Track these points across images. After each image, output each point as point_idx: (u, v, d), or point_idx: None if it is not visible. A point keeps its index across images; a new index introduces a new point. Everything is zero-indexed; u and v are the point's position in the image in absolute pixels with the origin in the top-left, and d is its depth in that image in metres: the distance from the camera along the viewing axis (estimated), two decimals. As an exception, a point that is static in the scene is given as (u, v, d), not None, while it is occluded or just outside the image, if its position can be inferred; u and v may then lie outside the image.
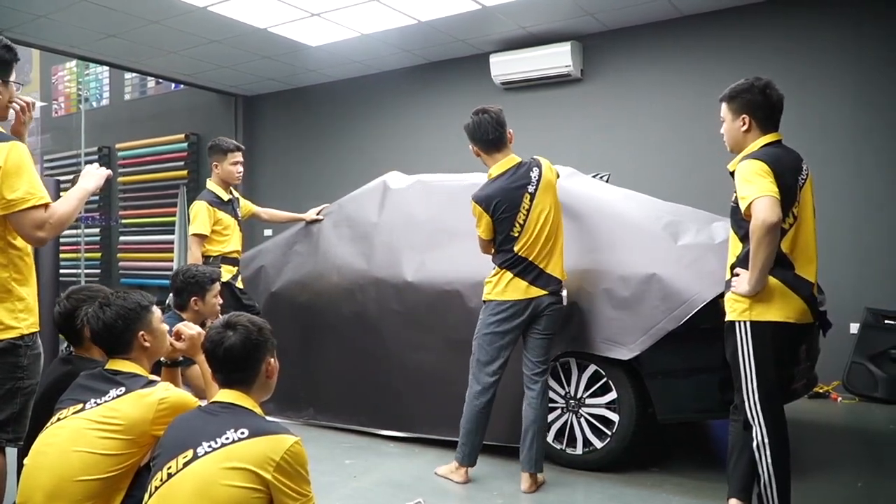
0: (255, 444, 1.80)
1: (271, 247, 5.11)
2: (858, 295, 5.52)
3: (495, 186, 3.44)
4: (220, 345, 1.96)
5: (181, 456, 1.81)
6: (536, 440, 3.40)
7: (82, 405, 2.11)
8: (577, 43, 6.72)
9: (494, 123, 3.46)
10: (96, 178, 2.66)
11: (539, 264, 3.39)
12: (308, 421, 4.72)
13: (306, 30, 6.60)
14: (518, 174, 3.44)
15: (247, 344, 1.97)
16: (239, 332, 1.97)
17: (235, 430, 1.82)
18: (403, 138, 8.00)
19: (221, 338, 1.96)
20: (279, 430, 1.86)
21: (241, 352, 1.96)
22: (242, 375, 1.98)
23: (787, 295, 2.63)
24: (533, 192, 3.40)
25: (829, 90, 5.72)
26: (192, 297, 3.40)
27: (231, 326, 1.99)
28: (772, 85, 2.76)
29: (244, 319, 2.01)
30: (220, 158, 4.53)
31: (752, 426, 2.65)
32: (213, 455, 1.78)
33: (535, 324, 3.44)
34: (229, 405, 1.93)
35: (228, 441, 1.80)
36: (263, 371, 2.01)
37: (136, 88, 10.13)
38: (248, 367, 1.98)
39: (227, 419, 1.87)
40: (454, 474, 3.58)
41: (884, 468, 3.84)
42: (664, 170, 6.29)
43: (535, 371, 3.46)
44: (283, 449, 1.80)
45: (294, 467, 1.81)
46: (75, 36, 6.82)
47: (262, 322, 2.05)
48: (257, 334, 1.99)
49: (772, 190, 2.54)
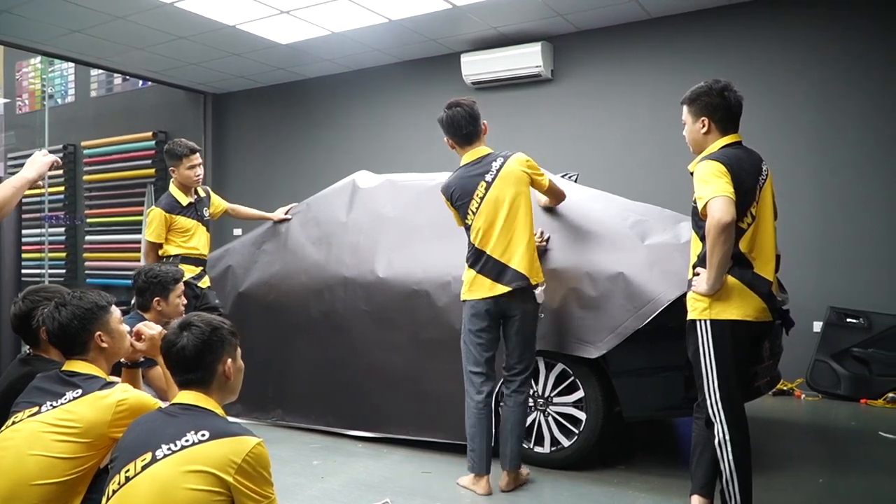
0: (216, 447, 1.77)
1: (238, 247, 5.06)
2: (822, 294, 5.63)
3: (455, 175, 3.47)
4: (173, 346, 1.92)
5: (139, 459, 1.78)
6: (512, 437, 3.38)
7: (38, 408, 2.07)
8: (548, 43, 6.75)
9: (468, 117, 3.41)
10: (38, 165, 2.59)
11: (498, 257, 3.31)
12: (276, 422, 4.68)
13: (276, 27, 6.55)
14: (480, 164, 3.41)
15: (199, 345, 1.92)
16: (192, 332, 1.93)
17: (195, 432, 1.79)
18: (374, 137, 7.98)
19: (175, 339, 1.93)
20: (241, 432, 1.83)
21: (194, 353, 1.91)
22: (197, 377, 1.93)
23: (746, 294, 2.67)
24: (490, 181, 3.34)
25: (793, 91, 5.82)
26: (155, 297, 3.35)
27: (185, 327, 1.94)
28: (730, 87, 2.80)
29: (199, 320, 1.96)
30: (176, 163, 4.45)
31: (713, 423, 2.69)
32: (172, 458, 1.75)
33: (508, 324, 3.39)
34: (189, 406, 1.89)
35: (188, 443, 1.77)
36: (221, 372, 1.96)
37: (103, 85, 9.97)
38: (202, 368, 1.93)
39: (187, 421, 1.83)
40: (475, 486, 3.42)
41: (844, 464, 3.91)
42: (632, 170, 6.35)
43: (511, 372, 3.44)
44: (244, 451, 1.77)
45: (256, 469, 1.78)
46: (40, 31, 6.70)
47: (219, 322, 2.00)
48: (210, 334, 1.94)
49: (727, 190, 2.58)
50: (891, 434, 4.41)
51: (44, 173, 2.62)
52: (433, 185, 4.48)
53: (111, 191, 9.77)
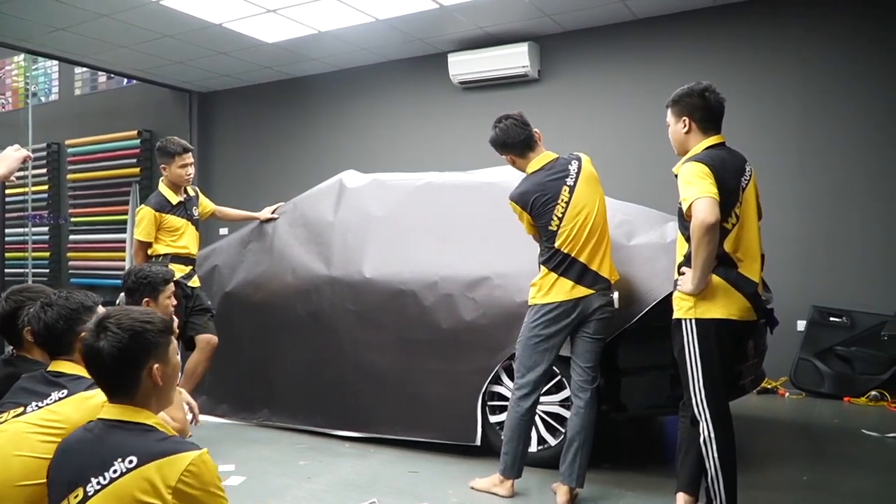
0: (145, 473, 1.58)
1: (225, 246, 5.04)
2: (805, 293, 5.68)
3: (531, 182, 3.33)
4: (89, 350, 1.70)
5: (72, 496, 1.63)
6: (581, 453, 3.24)
7: (23, 408, 2.04)
8: (535, 44, 6.77)
9: (521, 125, 3.38)
10: (9, 161, 2.55)
11: (583, 261, 3.21)
12: (263, 422, 4.67)
13: (262, 26, 6.53)
14: (555, 168, 3.33)
15: (115, 354, 1.68)
16: (108, 339, 1.68)
17: (122, 460, 1.60)
18: (361, 137, 7.96)
19: (92, 341, 1.69)
20: (173, 449, 1.62)
21: (111, 362, 1.68)
22: (119, 387, 1.71)
23: (731, 293, 2.69)
24: (572, 185, 3.26)
25: (778, 92, 5.88)
26: (145, 297, 3.33)
27: (101, 329, 1.70)
28: (711, 88, 2.84)
29: (115, 322, 1.70)
30: (168, 162, 4.42)
31: (699, 421, 2.71)
32: (103, 493, 1.60)
33: (584, 327, 3.27)
34: (116, 424, 1.69)
35: (116, 475, 1.59)
36: (147, 380, 1.71)
37: (87, 83, 9.89)
38: (122, 377, 1.70)
39: (114, 445, 1.63)
40: (498, 488, 3.35)
41: (828, 462, 3.95)
42: (619, 169, 6.37)
43: (584, 378, 3.30)
44: (178, 471, 1.58)
45: (196, 488, 1.59)
46: (23, 29, 6.63)
47: (141, 324, 1.72)
48: (129, 341, 1.68)
49: (711, 191, 2.60)
50: (873, 431, 4.46)
51: (14, 169, 2.57)
52: (420, 184, 4.49)
53: (95, 190, 9.69)
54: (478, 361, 3.85)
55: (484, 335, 3.84)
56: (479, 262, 3.96)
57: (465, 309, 3.91)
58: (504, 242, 3.89)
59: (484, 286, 3.88)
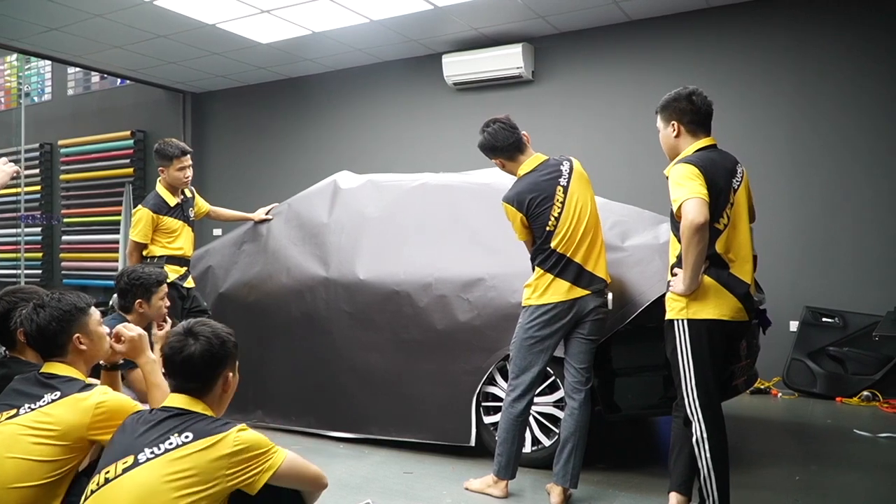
0: (202, 447, 1.76)
1: (219, 247, 5.03)
2: (798, 294, 5.71)
3: (525, 182, 3.32)
4: (179, 353, 1.90)
5: (121, 461, 1.76)
6: (575, 453, 3.25)
7: (16, 410, 2.05)
8: (529, 45, 6.79)
9: (509, 128, 3.38)
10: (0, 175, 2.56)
11: (579, 261, 3.22)
12: (257, 423, 4.65)
13: (256, 26, 6.52)
14: (547, 169, 3.34)
15: (206, 356, 1.90)
16: (201, 342, 1.91)
17: (179, 435, 1.78)
18: (355, 138, 7.96)
19: (182, 346, 1.90)
20: (223, 429, 1.82)
21: (201, 363, 1.90)
22: (197, 386, 1.92)
23: (722, 294, 2.71)
24: (566, 185, 3.27)
25: (770, 93, 5.90)
26: (137, 299, 3.31)
27: (193, 335, 1.92)
28: (698, 92, 2.87)
29: (208, 329, 1.94)
30: (166, 164, 4.41)
31: (691, 422, 2.73)
32: (155, 462, 1.74)
33: (579, 328, 3.28)
34: (177, 410, 1.87)
35: (172, 446, 1.76)
36: (220, 385, 1.96)
37: (80, 83, 9.85)
38: (204, 378, 1.92)
39: (172, 424, 1.82)
40: (492, 488, 3.36)
41: (820, 462, 3.97)
42: (613, 171, 6.39)
43: (578, 379, 3.30)
44: (230, 443, 1.78)
45: (248, 451, 1.80)
46: (16, 28, 6.61)
47: (226, 335, 1.97)
48: (219, 347, 1.93)
49: (700, 192, 2.62)
50: (865, 431, 4.48)
51: (4, 183, 2.59)
52: (415, 185, 4.49)
53: (88, 190, 9.66)
54: (472, 362, 3.85)
55: (478, 336, 3.84)
56: (474, 263, 3.96)
57: (459, 310, 3.91)
58: (498, 243, 3.90)
59: (478, 287, 3.89)
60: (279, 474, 1.85)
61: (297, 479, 1.93)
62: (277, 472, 1.84)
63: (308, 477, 1.96)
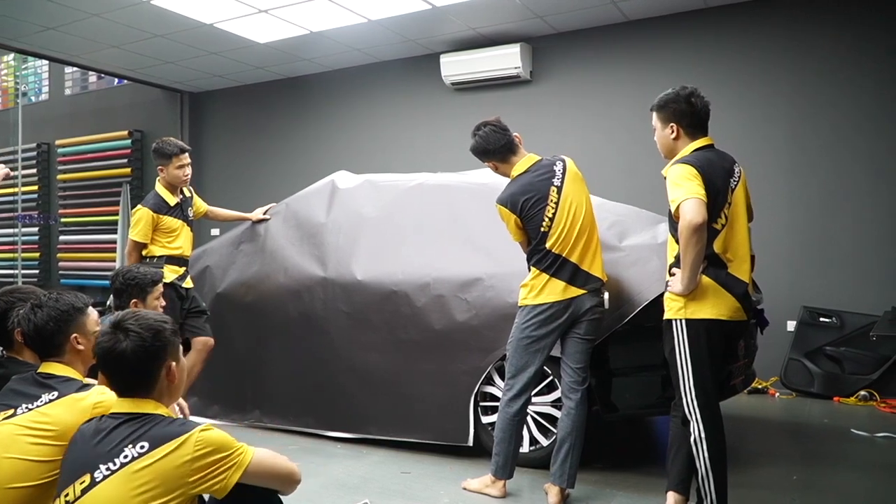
0: (160, 455, 1.68)
1: (217, 247, 5.02)
2: (795, 294, 5.72)
3: (518, 184, 3.31)
4: (110, 352, 1.79)
5: (78, 482, 1.69)
6: (572, 454, 3.25)
7: (13, 410, 2.03)
8: (527, 45, 6.79)
9: (500, 130, 3.37)
10: None
11: (575, 261, 3.22)
12: (254, 423, 4.66)
13: (253, 26, 6.52)
14: (541, 169, 3.33)
15: (139, 352, 1.78)
16: (131, 338, 1.78)
17: (134, 446, 1.69)
18: (353, 137, 7.96)
19: (112, 343, 1.78)
20: (180, 431, 1.72)
21: (134, 361, 1.78)
22: (137, 384, 1.81)
23: (720, 293, 2.71)
24: (559, 185, 3.26)
25: (767, 93, 5.91)
26: (132, 299, 3.30)
27: (123, 330, 1.79)
28: (696, 93, 2.86)
29: (136, 323, 1.81)
30: (165, 163, 4.39)
31: (689, 421, 2.73)
32: (113, 479, 1.67)
33: (575, 327, 3.28)
34: (127, 416, 1.77)
35: (127, 459, 1.67)
36: (163, 378, 1.84)
37: (77, 83, 9.85)
38: (143, 375, 1.81)
39: (124, 432, 1.72)
40: (490, 488, 3.36)
41: (817, 461, 3.97)
42: (610, 170, 6.40)
43: (574, 379, 3.30)
44: (191, 447, 1.69)
45: (210, 453, 1.71)
46: (13, 28, 6.60)
47: (159, 324, 1.85)
48: (152, 340, 1.80)
49: (698, 192, 2.62)
50: (863, 431, 4.49)
51: None
52: (413, 185, 4.49)
53: (86, 190, 9.66)
54: (470, 362, 3.85)
55: (476, 336, 3.84)
56: (472, 263, 3.96)
57: (457, 310, 3.91)
58: (496, 244, 3.89)
59: (476, 287, 3.88)
60: (248, 474, 1.78)
61: (268, 478, 1.87)
62: (246, 473, 1.78)
63: (280, 474, 1.90)
